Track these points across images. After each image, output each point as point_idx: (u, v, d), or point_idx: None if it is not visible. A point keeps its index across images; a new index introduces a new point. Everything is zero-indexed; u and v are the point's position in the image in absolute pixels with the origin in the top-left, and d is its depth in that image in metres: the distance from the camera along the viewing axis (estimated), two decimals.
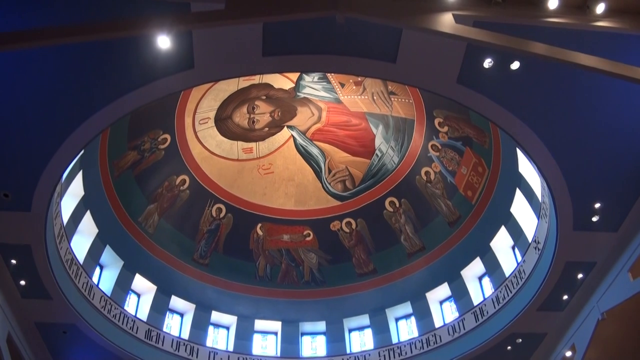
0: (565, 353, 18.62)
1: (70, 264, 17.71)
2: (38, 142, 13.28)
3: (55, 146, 13.47)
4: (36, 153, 13.45)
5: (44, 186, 14.03)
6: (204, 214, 25.02)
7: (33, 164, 13.60)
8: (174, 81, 13.04)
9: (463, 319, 21.58)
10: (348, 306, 25.89)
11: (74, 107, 12.95)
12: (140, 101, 13.44)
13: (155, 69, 12.56)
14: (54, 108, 12.80)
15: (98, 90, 12.79)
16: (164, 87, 13.12)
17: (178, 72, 12.74)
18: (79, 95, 12.76)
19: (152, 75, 12.70)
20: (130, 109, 13.65)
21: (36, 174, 13.74)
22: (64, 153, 13.67)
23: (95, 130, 13.72)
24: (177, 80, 13.02)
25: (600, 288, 16.60)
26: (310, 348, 25.92)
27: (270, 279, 26.26)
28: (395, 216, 25.28)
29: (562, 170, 14.23)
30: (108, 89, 12.84)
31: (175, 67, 12.64)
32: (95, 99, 12.95)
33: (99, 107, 13.10)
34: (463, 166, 22.75)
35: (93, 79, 12.53)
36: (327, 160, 26.05)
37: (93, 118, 13.25)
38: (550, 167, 14.31)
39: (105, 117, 13.44)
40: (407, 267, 25.11)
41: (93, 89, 12.74)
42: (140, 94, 13.12)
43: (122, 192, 21.89)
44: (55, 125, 13.15)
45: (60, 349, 19.06)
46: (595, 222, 15.16)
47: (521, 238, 20.15)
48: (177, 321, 24.55)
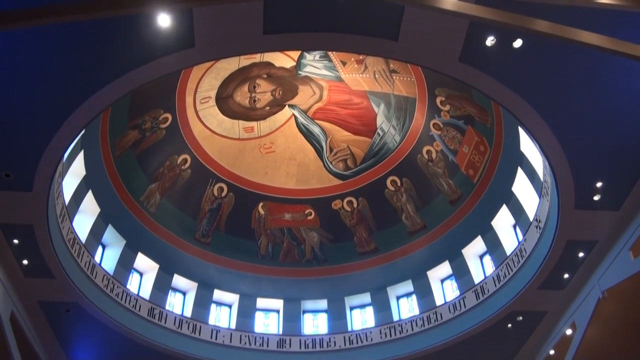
0: (565, 331, 18.71)
1: (73, 244, 17.77)
2: (39, 122, 13.23)
3: (56, 126, 13.42)
4: (37, 133, 13.41)
5: (46, 166, 14.01)
6: (206, 193, 25.06)
7: (34, 144, 13.56)
8: (174, 60, 12.95)
9: (464, 297, 21.67)
10: (349, 284, 26.02)
11: (74, 86, 12.88)
12: (141, 80, 13.37)
13: (156, 48, 12.47)
14: (54, 88, 12.74)
15: (98, 69, 12.71)
16: (164, 66, 13.03)
17: (178, 50, 12.65)
18: (79, 75, 12.69)
19: (153, 54, 12.61)
20: (131, 88, 13.57)
21: (37, 154, 13.71)
22: (64, 133, 13.62)
23: (95, 109, 13.66)
24: (177, 59, 12.93)
25: (601, 267, 16.62)
26: (312, 326, 26.12)
27: (272, 257, 26.38)
28: (396, 195, 25.29)
29: (564, 148, 14.17)
30: (108, 68, 12.76)
31: (175, 45, 12.54)
32: (95, 78, 12.87)
33: (99, 86, 13.02)
34: (465, 145, 22.69)
35: (93, 58, 12.44)
36: (328, 139, 25.99)
37: (93, 97, 13.18)
38: (552, 146, 14.26)
39: (105, 97, 13.37)
40: (408, 245, 25.19)
41: (93, 68, 12.66)
42: (140, 73, 13.03)
43: (123, 172, 21.89)
44: (56, 105, 13.08)
45: (63, 328, 19.19)
46: (596, 200, 15.14)
47: (522, 217, 20.16)
48: (180, 299, 24.73)
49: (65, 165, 17.23)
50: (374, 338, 23.31)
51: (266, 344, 23.58)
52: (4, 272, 15.75)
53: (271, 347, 23.50)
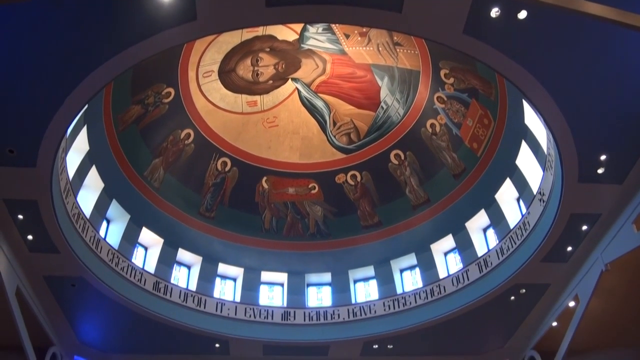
0: (568, 303, 18.81)
1: (77, 219, 17.82)
2: (42, 97, 13.17)
3: (59, 101, 13.36)
4: (40, 108, 13.35)
5: (49, 141, 13.98)
6: (209, 167, 25.09)
7: (37, 120, 13.52)
8: (176, 33, 12.83)
9: (467, 270, 21.77)
10: (353, 258, 26.17)
11: (77, 61, 12.79)
12: (143, 54, 13.27)
13: (158, 22, 12.36)
14: (57, 63, 12.65)
15: (100, 43, 12.61)
16: (166, 39, 12.92)
17: (180, 24, 12.53)
18: (81, 50, 12.59)
19: (154, 27, 12.50)
20: (133, 62, 13.47)
21: (41, 130, 13.67)
22: (67, 108, 13.56)
23: (98, 84, 13.58)
24: (179, 32, 12.81)
25: (604, 240, 16.63)
26: (316, 298, 26.34)
27: (276, 231, 26.49)
28: (400, 169, 25.27)
29: (568, 121, 14.08)
30: (110, 42, 12.66)
31: (177, 19, 12.43)
32: (97, 52, 12.79)
33: (102, 61, 12.94)
34: (469, 118, 22.59)
35: (95, 32, 12.34)
36: (331, 112, 25.89)
37: (96, 72, 13.10)
38: (556, 119, 14.16)
39: (108, 71, 13.29)
40: (411, 219, 25.26)
41: (95, 42, 12.56)
42: (142, 47, 12.94)
43: (127, 147, 21.88)
44: (59, 80, 13.01)
45: (68, 302, 19.38)
46: (600, 174, 15.08)
47: (526, 190, 20.14)
48: (185, 273, 24.92)
49: (69, 140, 17.19)
50: (377, 310, 23.50)
51: (271, 316, 23.79)
52: (9, 247, 15.85)
53: (276, 320, 23.73)
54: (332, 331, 23.45)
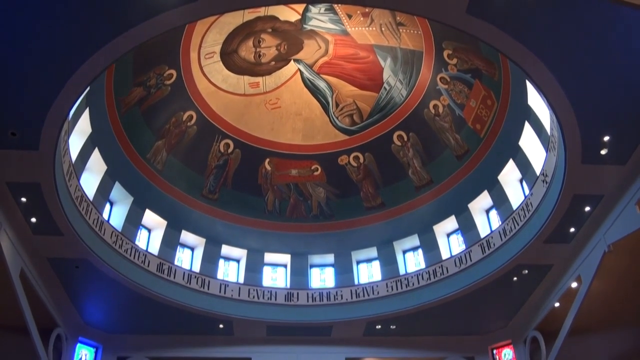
0: (570, 284, 18.85)
1: (80, 201, 17.86)
2: (43, 80, 13.11)
3: (61, 83, 13.30)
4: (42, 91, 13.29)
5: (51, 124, 13.94)
6: (212, 149, 25.06)
7: (39, 102, 13.46)
8: (178, 14, 12.73)
9: (470, 251, 21.81)
10: (356, 239, 26.26)
11: (78, 43, 12.71)
12: (144, 36, 13.18)
13: (159, 2, 12.26)
14: (59, 45, 12.57)
15: (101, 25, 12.52)
16: (168, 20, 12.81)
17: (182, 4, 12.43)
18: (83, 31, 12.50)
19: (156, 8, 12.39)
20: (135, 44, 13.38)
21: (43, 112, 13.63)
22: (69, 90, 13.50)
23: (100, 66, 13.50)
24: (180, 13, 12.70)
25: (607, 221, 16.60)
26: (319, 279, 26.47)
27: (279, 213, 26.55)
28: (403, 150, 25.22)
29: (572, 102, 13.98)
30: (111, 24, 12.57)
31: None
32: (99, 34, 12.70)
33: (103, 42, 12.85)
34: (472, 99, 22.48)
35: (96, 14, 12.24)
36: (334, 94, 25.77)
37: (98, 54, 13.02)
38: (560, 100, 14.07)
39: (109, 53, 13.21)
40: (414, 200, 25.27)
41: (96, 24, 12.47)
42: (143, 28, 12.84)
43: (129, 129, 21.85)
44: (60, 62, 12.95)
45: (72, 284, 19.51)
46: (603, 155, 15.02)
47: (529, 171, 20.10)
48: (188, 255, 25.04)
49: (71, 123, 17.20)
50: (380, 291, 23.61)
51: (274, 297, 23.93)
52: (12, 230, 15.89)
53: (279, 301, 23.88)
54: (335, 312, 23.61)
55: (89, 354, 22.43)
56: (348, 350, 24.22)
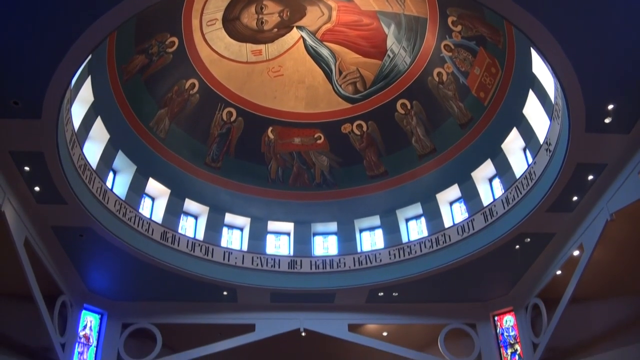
0: (573, 252, 18.91)
1: (84, 170, 17.88)
2: (45, 47, 13.00)
3: (62, 51, 13.20)
4: (44, 59, 13.20)
5: (53, 92, 13.86)
6: (215, 117, 24.98)
7: (41, 70, 13.37)
8: None
9: (472, 220, 21.86)
10: (359, 207, 26.34)
11: (80, 10, 12.56)
12: (146, 2, 13.09)
13: None
14: (60, 12, 12.44)
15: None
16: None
17: None
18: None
19: None
20: (136, 10, 13.26)
21: (45, 81, 13.55)
22: (71, 58, 13.40)
23: (101, 33, 13.39)
24: None
25: (610, 189, 16.57)
26: (322, 247, 26.62)
27: (282, 181, 26.60)
28: (406, 118, 25.12)
29: (576, 70, 13.85)
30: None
31: None
32: (100, 1, 12.61)
33: (105, 9, 12.73)
34: (476, 67, 22.29)
35: None
36: (337, 61, 25.56)
37: (99, 21, 12.88)
38: (564, 68, 13.93)
39: (111, 20, 13.08)
40: (417, 169, 25.27)
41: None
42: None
43: (131, 97, 21.75)
44: (62, 30, 12.82)
45: (77, 252, 19.63)
46: (607, 123, 14.91)
47: (532, 140, 20.01)
48: (192, 223, 25.16)
49: (73, 91, 17.11)
50: (383, 259, 23.75)
51: (277, 265, 24.10)
52: (16, 199, 15.94)
53: (282, 268, 24.04)
54: (338, 279, 23.79)
55: (94, 320, 22.74)
56: (351, 317, 24.48)
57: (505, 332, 23.64)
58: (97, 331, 22.72)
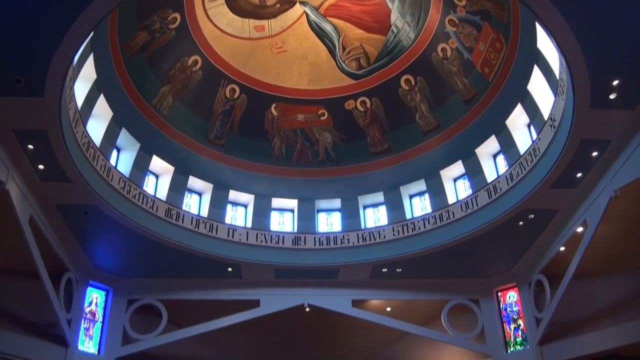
0: (576, 229, 18.92)
1: (87, 147, 17.87)
2: (47, 25, 12.89)
3: (64, 29, 13.08)
4: (46, 36, 13.10)
5: (56, 70, 13.78)
6: (218, 94, 24.87)
7: (44, 48, 13.27)
8: None
9: (476, 196, 21.83)
10: (363, 184, 26.34)
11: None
12: None
13: None
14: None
15: None
16: None
17: None
18: None
19: None
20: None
21: (47, 59, 13.46)
22: (73, 35, 13.29)
23: (104, 10, 13.27)
24: None
25: (614, 166, 16.48)
26: (326, 224, 26.69)
27: (286, 158, 26.58)
28: (410, 94, 24.99)
29: (581, 45, 13.68)
30: None
31: None
32: None
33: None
34: (481, 42, 22.09)
35: None
36: (341, 37, 25.36)
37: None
38: (569, 43, 13.77)
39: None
40: (421, 145, 25.21)
41: None
42: None
43: (134, 75, 21.66)
44: (64, 7, 12.74)
45: (82, 229, 19.76)
46: (612, 99, 14.78)
47: (537, 116, 19.91)
48: (196, 200, 25.24)
49: (76, 69, 17.01)
50: (386, 235, 23.78)
51: (282, 241, 24.18)
52: (20, 177, 15.98)
53: (286, 245, 24.13)
54: (342, 255, 23.88)
55: (100, 297, 22.96)
56: (354, 293, 24.62)
57: (508, 308, 23.79)
58: (102, 307, 22.95)
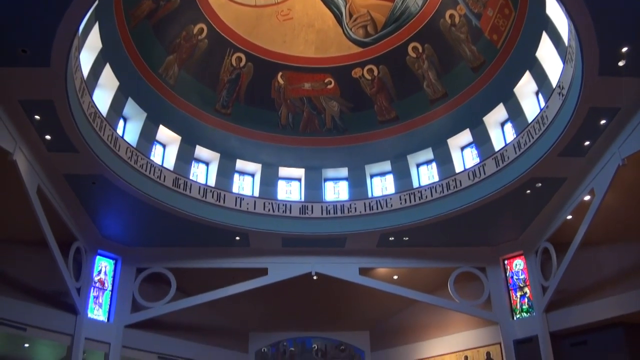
0: (583, 197, 18.90)
1: (94, 117, 17.87)
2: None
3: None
4: (51, 5, 13.04)
5: (61, 40, 13.69)
6: (224, 63, 24.67)
7: (48, 17, 13.20)
8: None
9: (484, 165, 21.77)
10: (370, 153, 26.30)
11: None
12: None
13: None
14: None
15: None
16: None
17: None
18: None
19: None
20: None
21: (52, 28, 13.36)
22: (78, 4, 13.19)
23: None
24: None
25: (622, 134, 16.38)
26: (333, 193, 26.74)
27: (293, 127, 26.50)
28: (418, 62, 24.74)
29: (590, 11, 13.46)
30: None
31: None
32: None
33: None
34: (489, 8, 21.76)
35: None
36: (347, 4, 24.98)
37: None
38: (578, 8, 13.53)
39: None
40: (429, 113, 25.06)
41: None
42: None
43: (140, 44, 21.51)
44: None
45: (90, 199, 19.90)
46: (621, 66, 14.59)
47: (545, 83, 19.73)
48: (203, 170, 25.32)
49: (81, 38, 16.93)
50: (393, 204, 23.81)
51: (289, 210, 24.27)
52: (27, 147, 16.05)
53: (294, 214, 24.22)
54: (349, 224, 23.96)
55: (109, 265, 23.23)
56: (361, 261, 24.77)
57: (514, 276, 23.92)
58: (111, 276, 23.23)
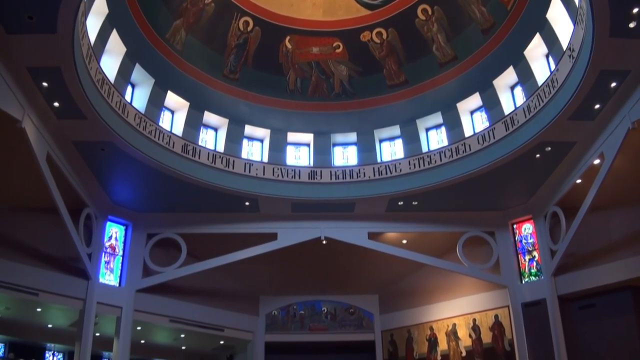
0: (593, 161, 18.81)
1: (102, 84, 17.85)
2: None
3: None
4: None
5: (67, 5, 13.62)
6: (231, 27, 24.38)
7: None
8: None
9: (493, 129, 21.63)
10: (379, 117, 26.20)
11: None
12: None
13: None
14: None
15: None
16: None
17: None
18: None
19: None
20: None
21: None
22: None
23: None
24: None
25: (632, 97, 16.20)
26: (342, 158, 26.76)
27: (301, 92, 26.36)
28: (427, 25, 24.37)
29: None
30: None
31: None
32: None
33: None
34: None
35: None
36: None
37: None
38: None
39: None
40: (438, 77, 24.84)
41: None
42: None
43: (146, 8, 21.29)
44: None
45: (99, 166, 20.02)
46: (632, 28, 14.33)
47: (556, 46, 19.46)
48: (212, 136, 25.36)
49: (87, 4, 16.82)
50: (402, 169, 23.78)
51: (298, 175, 24.33)
52: (36, 115, 16.11)
53: (303, 179, 24.28)
54: (358, 189, 24.00)
55: (120, 231, 23.49)
56: (371, 226, 24.87)
57: (523, 240, 23.97)
58: (122, 241, 23.51)
